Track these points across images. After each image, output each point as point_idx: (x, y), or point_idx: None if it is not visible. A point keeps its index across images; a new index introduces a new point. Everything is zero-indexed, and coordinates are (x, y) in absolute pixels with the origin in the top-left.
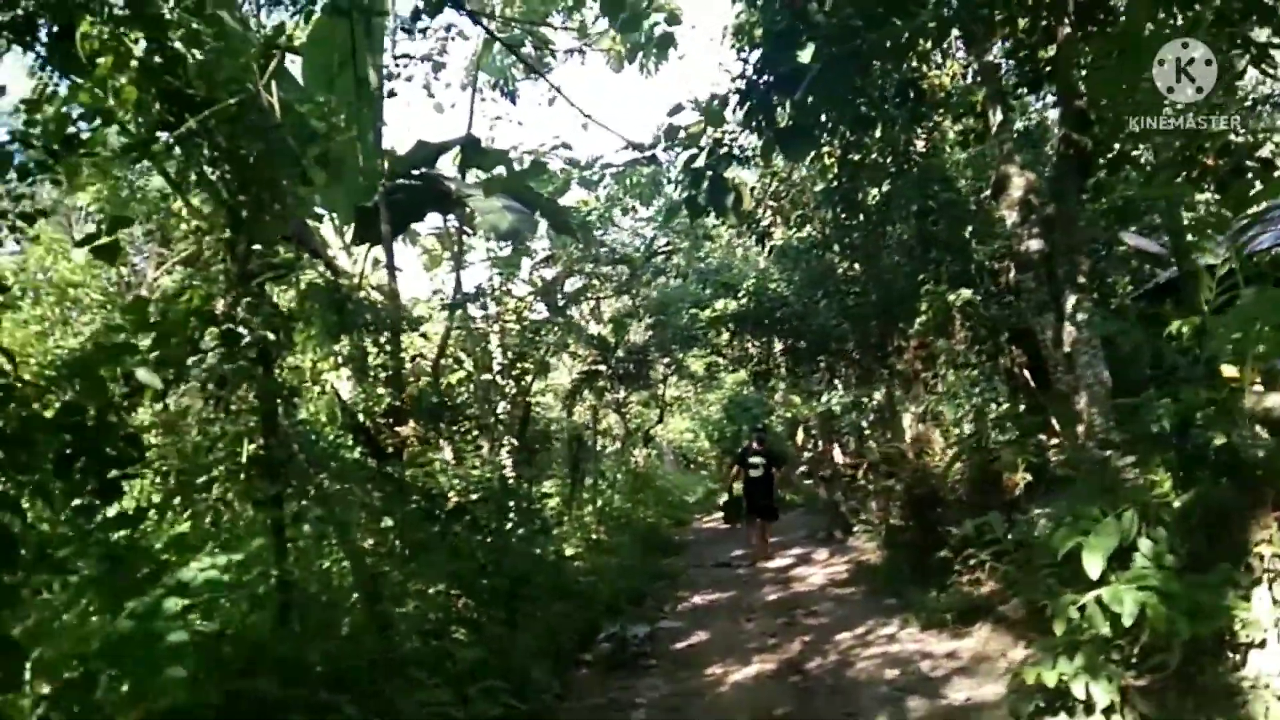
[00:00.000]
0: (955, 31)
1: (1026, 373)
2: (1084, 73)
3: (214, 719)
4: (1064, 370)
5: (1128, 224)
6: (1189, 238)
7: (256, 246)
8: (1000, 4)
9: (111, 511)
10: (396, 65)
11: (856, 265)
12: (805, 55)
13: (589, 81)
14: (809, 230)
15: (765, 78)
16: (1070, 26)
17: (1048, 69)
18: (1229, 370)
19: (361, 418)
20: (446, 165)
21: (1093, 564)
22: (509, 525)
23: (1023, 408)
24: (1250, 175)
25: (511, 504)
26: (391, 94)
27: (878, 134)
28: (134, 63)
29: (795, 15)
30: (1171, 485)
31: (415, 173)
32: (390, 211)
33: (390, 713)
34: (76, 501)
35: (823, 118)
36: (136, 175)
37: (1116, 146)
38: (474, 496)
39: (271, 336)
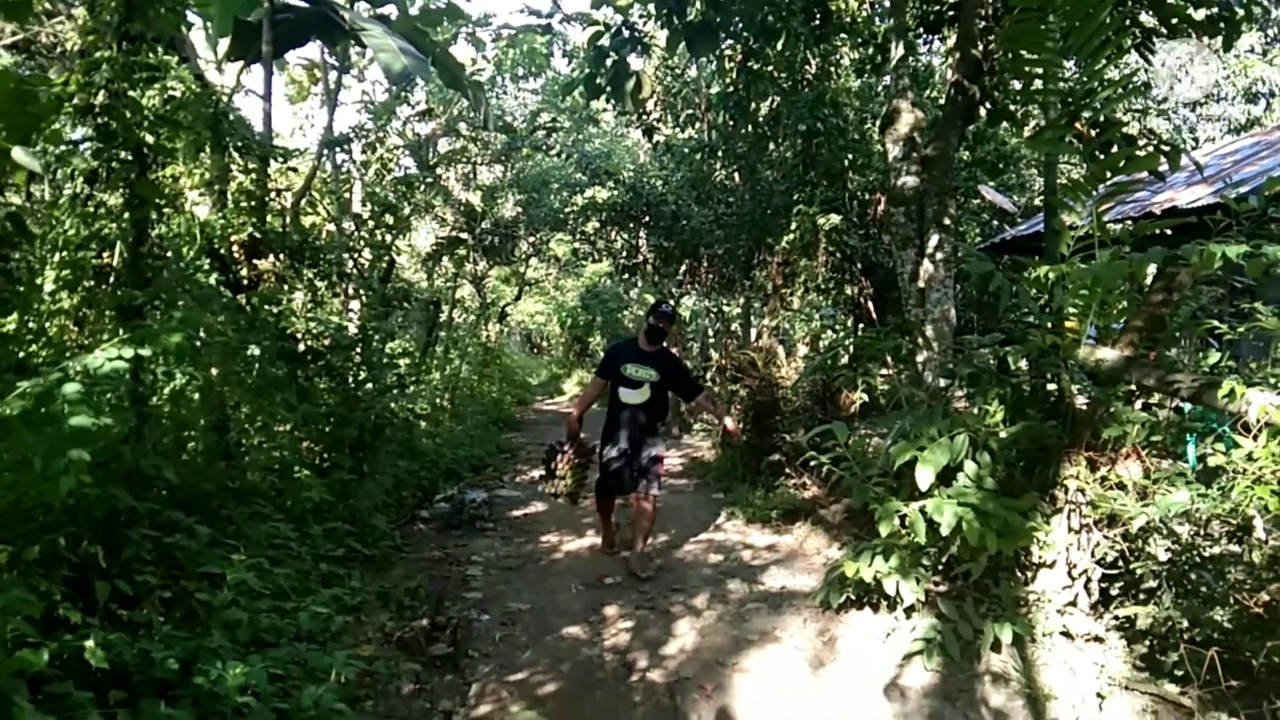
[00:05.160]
0: None
1: (870, 304)
2: (995, 23)
3: (64, 520)
4: (915, 304)
5: (989, 178)
6: (1060, 196)
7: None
8: None
9: None
10: None
11: (737, 175)
12: None
13: None
14: (694, 131)
15: None
16: None
17: (950, 13)
18: (1071, 322)
19: (218, 245)
20: None
21: (924, 477)
22: (362, 376)
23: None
24: (1115, 148)
25: (365, 355)
26: None
27: (779, 46)
28: None
29: None
30: (1001, 418)
31: None
32: (272, 31)
33: (238, 538)
34: None
35: (734, 20)
36: None
37: (1002, 99)
38: (327, 342)
39: (150, 139)
